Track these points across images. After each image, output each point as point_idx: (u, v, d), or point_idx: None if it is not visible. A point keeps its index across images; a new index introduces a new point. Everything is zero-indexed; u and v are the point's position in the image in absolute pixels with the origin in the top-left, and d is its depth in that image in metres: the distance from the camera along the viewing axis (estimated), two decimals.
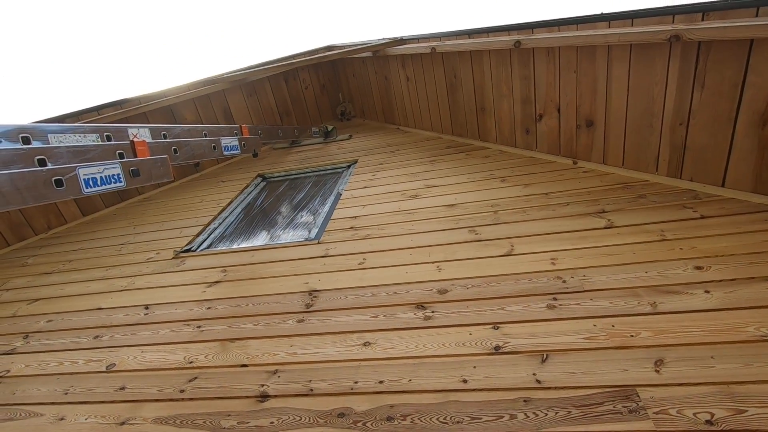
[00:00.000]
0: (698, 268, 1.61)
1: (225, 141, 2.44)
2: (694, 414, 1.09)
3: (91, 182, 1.42)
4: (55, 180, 1.31)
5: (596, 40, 2.32)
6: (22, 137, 1.46)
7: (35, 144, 1.47)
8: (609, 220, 2.04)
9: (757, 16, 1.90)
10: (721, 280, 1.52)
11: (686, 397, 1.14)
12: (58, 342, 2.01)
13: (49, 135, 1.52)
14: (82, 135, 1.63)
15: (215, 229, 3.04)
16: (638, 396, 1.17)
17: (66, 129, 1.60)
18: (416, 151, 3.72)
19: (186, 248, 2.76)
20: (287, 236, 2.78)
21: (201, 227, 3.02)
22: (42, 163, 1.36)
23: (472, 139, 3.63)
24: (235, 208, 3.36)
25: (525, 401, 1.23)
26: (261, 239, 2.81)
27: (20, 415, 1.59)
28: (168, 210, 3.54)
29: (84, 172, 1.37)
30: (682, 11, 2.13)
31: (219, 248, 2.75)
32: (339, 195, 3.14)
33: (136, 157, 1.68)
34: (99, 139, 1.70)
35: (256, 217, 3.21)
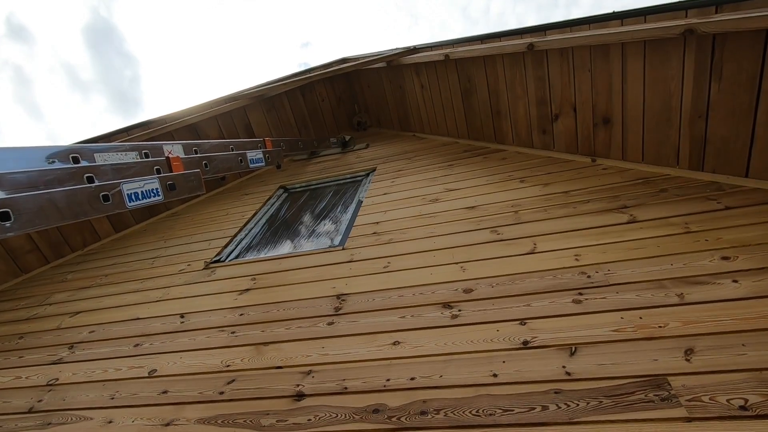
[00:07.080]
0: (725, 258, 1.60)
1: (251, 154, 2.54)
2: (727, 400, 1.10)
3: (133, 196, 1.52)
4: (102, 195, 1.41)
5: (609, 38, 2.35)
6: (72, 157, 1.58)
7: (83, 163, 1.59)
8: (631, 215, 2.05)
9: None
10: (749, 270, 1.52)
11: (718, 384, 1.14)
12: (102, 351, 2.11)
13: (95, 154, 1.64)
14: (123, 153, 1.75)
15: (242, 240, 3.14)
16: (669, 385, 1.18)
17: (109, 148, 1.73)
18: (433, 156, 3.77)
19: (215, 259, 2.86)
20: (312, 244, 2.86)
21: (228, 239, 3.13)
22: (90, 180, 1.47)
23: (488, 143, 3.66)
24: (260, 219, 3.47)
25: (556, 392, 1.25)
26: (287, 248, 2.90)
27: (71, 419, 1.69)
28: (195, 223, 3.67)
29: (127, 187, 1.47)
30: (694, 5, 2.14)
31: (247, 258, 2.85)
32: (360, 202, 3.21)
33: (172, 171, 1.79)
34: (138, 157, 1.82)
35: (281, 227, 3.30)
